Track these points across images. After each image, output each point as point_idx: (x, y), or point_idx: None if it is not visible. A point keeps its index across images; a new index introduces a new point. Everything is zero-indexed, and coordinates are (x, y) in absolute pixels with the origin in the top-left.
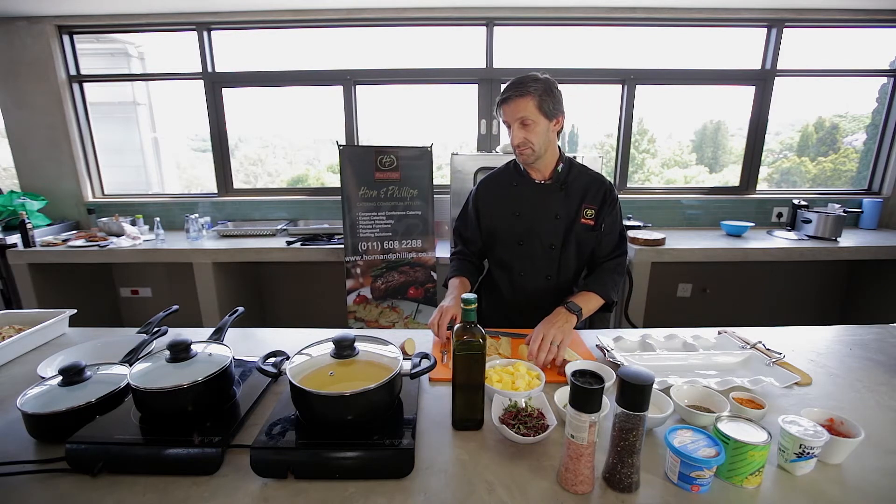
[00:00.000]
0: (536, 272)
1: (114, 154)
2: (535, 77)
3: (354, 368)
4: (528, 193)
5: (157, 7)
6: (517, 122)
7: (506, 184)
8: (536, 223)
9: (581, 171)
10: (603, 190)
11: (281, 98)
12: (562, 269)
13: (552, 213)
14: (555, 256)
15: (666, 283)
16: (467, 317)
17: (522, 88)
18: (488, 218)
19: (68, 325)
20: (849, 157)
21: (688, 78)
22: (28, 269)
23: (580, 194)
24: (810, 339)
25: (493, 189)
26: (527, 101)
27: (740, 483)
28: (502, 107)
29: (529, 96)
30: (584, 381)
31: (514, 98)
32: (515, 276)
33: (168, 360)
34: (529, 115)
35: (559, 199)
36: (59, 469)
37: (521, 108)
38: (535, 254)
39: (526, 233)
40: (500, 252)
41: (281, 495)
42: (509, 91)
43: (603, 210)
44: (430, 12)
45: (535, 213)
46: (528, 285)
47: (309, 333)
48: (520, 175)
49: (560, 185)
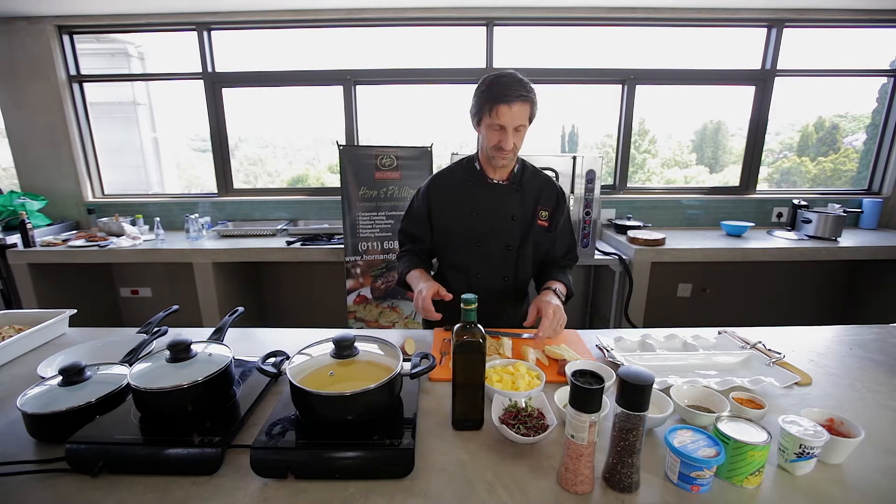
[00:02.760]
0: (494, 273)
1: (114, 154)
2: (522, 78)
3: (354, 368)
4: (485, 193)
5: (157, 7)
6: (514, 127)
7: (461, 183)
8: (494, 224)
9: (534, 173)
10: (555, 192)
11: (281, 98)
12: (519, 270)
13: (509, 213)
14: (512, 257)
15: (666, 283)
16: (467, 317)
17: (525, 94)
18: (442, 217)
19: (68, 325)
20: (849, 157)
21: (688, 78)
22: (28, 269)
23: (535, 195)
24: (810, 339)
25: (447, 187)
26: (527, 108)
27: (740, 483)
28: (499, 108)
29: (530, 102)
30: (584, 381)
31: (518, 102)
32: (472, 277)
33: (168, 360)
34: (525, 123)
35: (515, 200)
36: (59, 469)
37: (523, 114)
38: (493, 255)
39: (484, 233)
40: (456, 253)
41: (281, 495)
42: (512, 94)
43: (557, 212)
44: (430, 12)
45: (493, 214)
46: (486, 286)
47: (309, 333)
48: (475, 174)
49: (516, 186)
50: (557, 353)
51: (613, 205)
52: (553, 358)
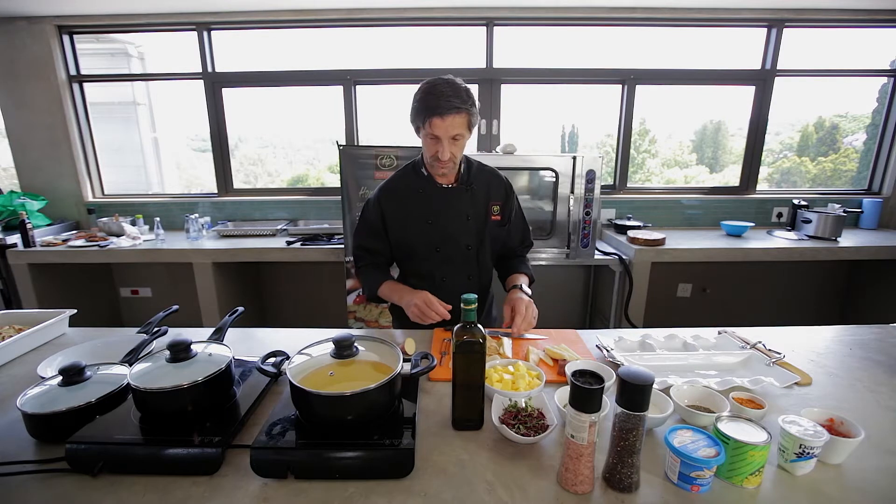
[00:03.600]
0: (457, 274)
1: (114, 154)
2: (462, 87)
3: (354, 368)
4: (437, 198)
5: (157, 7)
6: (449, 138)
7: (411, 191)
8: (450, 227)
9: (480, 170)
10: (503, 185)
11: (281, 98)
12: (481, 267)
13: (463, 214)
14: (472, 256)
15: (666, 283)
16: (467, 317)
17: (460, 104)
18: (398, 229)
19: (68, 325)
20: (849, 157)
21: (688, 78)
22: (28, 269)
23: (485, 192)
24: (810, 339)
25: (398, 198)
26: (462, 117)
27: (740, 483)
28: (432, 119)
29: (466, 112)
30: (584, 381)
31: (450, 114)
32: (438, 282)
33: (168, 360)
34: (462, 132)
35: (467, 200)
36: (59, 469)
37: (457, 124)
38: (454, 257)
39: (442, 238)
40: (417, 262)
41: (281, 495)
42: (444, 106)
43: (507, 204)
44: (430, 12)
45: (447, 217)
46: (451, 289)
47: (309, 333)
48: (424, 181)
49: (466, 187)
50: (557, 353)
51: (613, 205)
52: (553, 358)
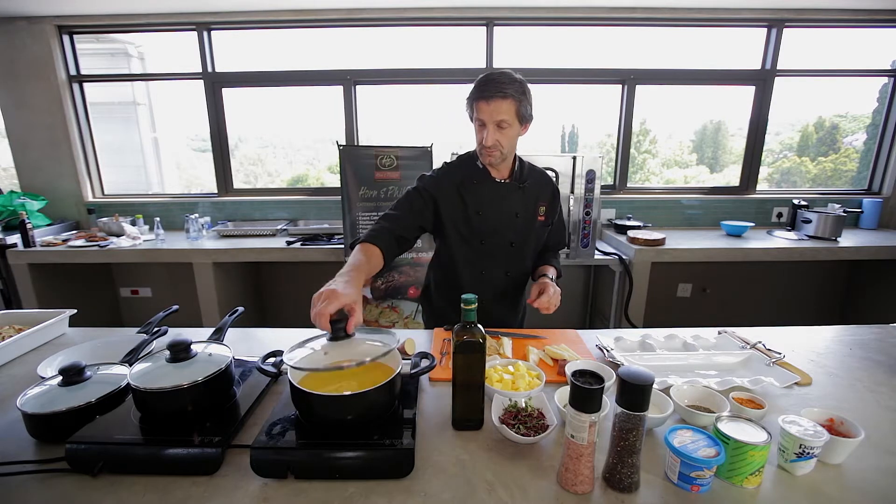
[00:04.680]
0: (497, 269)
1: (114, 154)
2: (513, 77)
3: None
4: (490, 192)
5: (157, 7)
6: (494, 123)
7: (466, 180)
8: (498, 222)
9: (532, 170)
10: (551, 187)
11: (281, 98)
12: (520, 264)
13: (513, 211)
14: (514, 253)
15: (666, 283)
16: (467, 317)
17: (505, 89)
18: (452, 215)
19: (68, 325)
20: (849, 157)
21: (688, 78)
22: (28, 269)
23: (535, 192)
24: (810, 339)
25: (457, 185)
26: (509, 104)
27: (740, 483)
28: (479, 103)
29: (512, 99)
30: (584, 381)
31: (496, 98)
32: (478, 273)
33: (168, 361)
34: (508, 119)
35: (518, 198)
36: (59, 469)
37: (503, 109)
38: (497, 252)
39: (488, 231)
40: (461, 250)
41: (281, 495)
42: (491, 90)
43: (552, 206)
44: (430, 12)
45: (497, 212)
46: (490, 282)
47: (309, 333)
48: (479, 172)
49: (518, 184)
50: (557, 353)
51: (613, 205)
52: (553, 358)
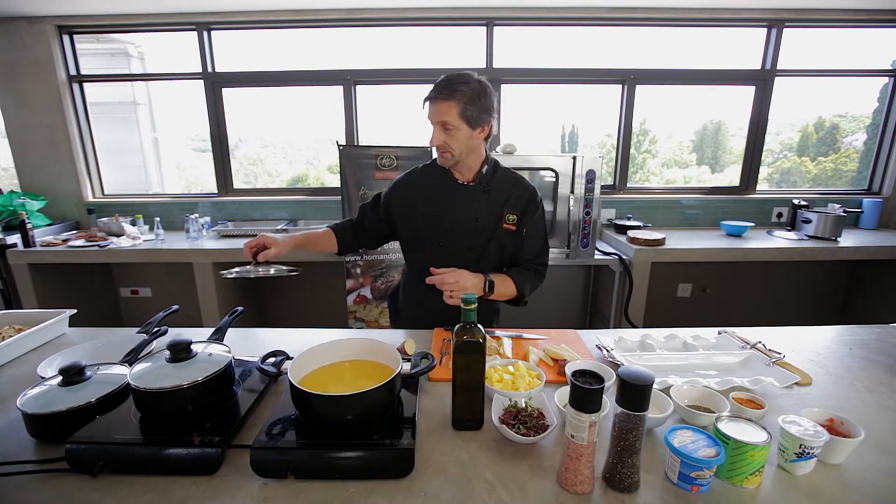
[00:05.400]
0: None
1: (114, 154)
2: (466, 79)
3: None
4: (450, 194)
5: (157, 7)
6: (438, 124)
7: (428, 182)
8: (457, 225)
9: (506, 175)
10: (526, 196)
11: (281, 98)
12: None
13: (473, 215)
14: (472, 259)
15: (666, 283)
16: (467, 317)
17: (449, 91)
18: (405, 217)
19: (68, 325)
20: (849, 157)
21: (688, 78)
22: (28, 269)
23: (503, 198)
24: (810, 339)
25: (413, 187)
26: (450, 106)
27: (740, 483)
28: (427, 103)
29: (454, 101)
30: (584, 381)
31: (438, 100)
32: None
33: (168, 361)
34: (451, 121)
35: (481, 202)
36: (59, 469)
37: (444, 111)
38: (454, 256)
39: (445, 234)
40: (420, 253)
41: (281, 495)
42: (436, 91)
43: (525, 215)
44: (430, 12)
45: (456, 215)
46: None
47: (309, 333)
48: (443, 173)
49: (483, 188)
50: (557, 353)
51: (613, 205)
52: (553, 358)
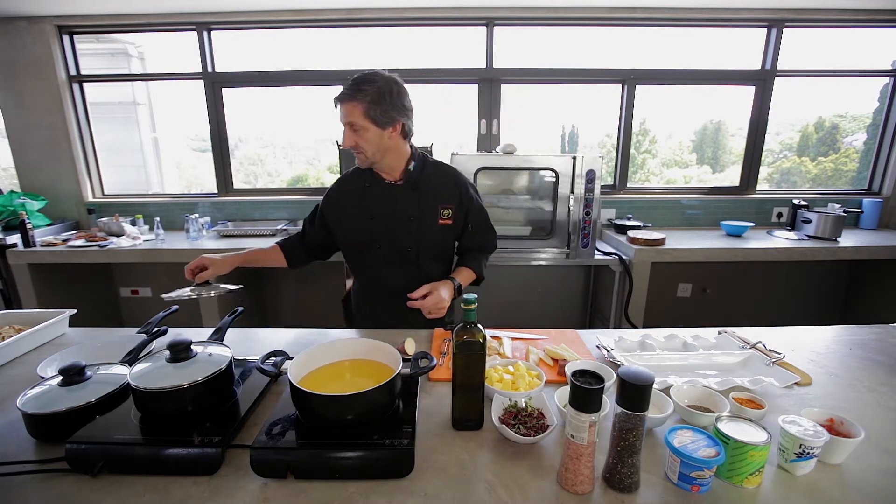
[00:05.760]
0: (395, 275)
1: (114, 154)
2: (372, 78)
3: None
4: (381, 194)
5: (157, 7)
6: (346, 125)
7: (359, 185)
8: (391, 226)
9: (435, 170)
10: (458, 188)
11: (281, 98)
12: (421, 271)
13: (406, 214)
14: (412, 258)
15: (666, 283)
16: (467, 317)
17: (353, 92)
18: (339, 223)
19: (68, 325)
20: (849, 157)
21: (688, 78)
22: (28, 269)
23: (435, 194)
24: (810, 339)
25: (345, 193)
26: (354, 106)
27: (740, 483)
28: (337, 105)
29: (357, 101)
30: (584, 381)
31: (344, 101)
32: (379, 282)
33: (168, 361)
34: (357, 122)
35: (412, 200)
36: (59, 469)
37: (349, 112)
38: (393, 257)
39: (382, 236)
40: (360, 258)
41: (281, 495)
42: (343, 91)
43: (460, 208)
44: (430, 12)
45: (389, 215)
46: (392, 291)
47: (309, 333)
48: (371, 176)
49: (412, 186)
50: (557, 353)
51: (613, 205)
52: (553, 358)
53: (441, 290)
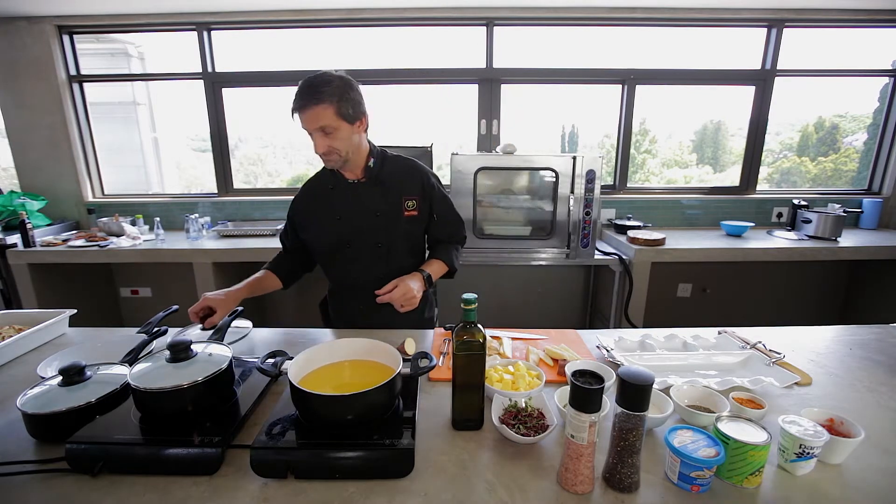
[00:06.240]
0: (368, 273)
1: (114, 154)
2: (328, 79)
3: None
4: (345, 194)
5: (157, 7)
6: (317, 130)
7: (323, 188)
8: (358, 223)
9: (395, 163)
10: (419, 178)
11: (281, 98)
12: (394, 266)
13: (372, 210)
14: (383, 254)
15: (666, 283)
16: (467, 317)
17: (318, 95)
18: (308, 229)
19: (68, 325)
20: (849, 157)
21: (688, 78)
22: (28, 269)
23: (398, 187)
24: (810, 339)
25: (310, 198)
26: (324, 109)
27: (740, 483)
28: (298, 115)
29: (326, 103)
30: (584, 381)
31: (310, 107)
32: (350, 281)
33: (168, 361)
34: (330, 123)
35: (376, 196)
36: (59, 469)
37: (319, 116)
38: (364, 255)
39: (350, 235)
40: (330, 260)
41: (281, 495)
42: (304, 99)
43: (424, 198)
44: (430, 12)
45: (355, 214)
46: (363, 288)
47: (309, 333)
48: (335, 176)
49: (375, 182)
50: (557, 353)
51: (613, 205)
52: (553, 358)
53: (408, 281)
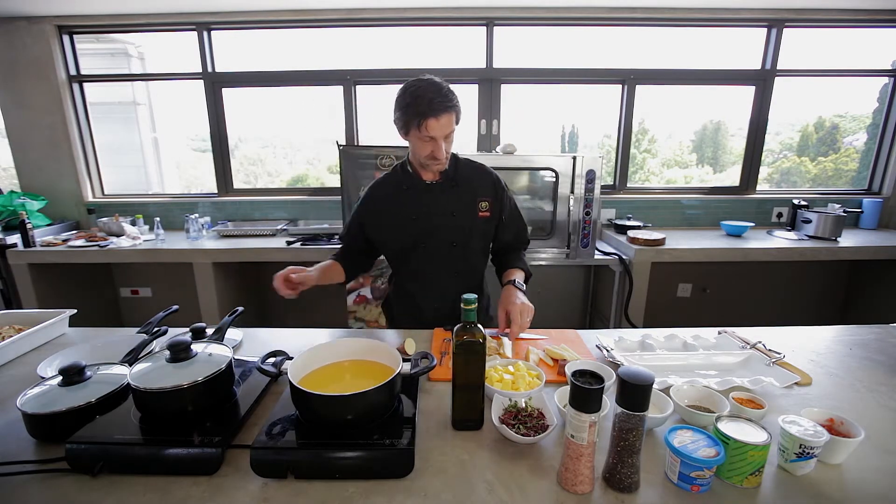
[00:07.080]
0: (443, 271)
1: (114, 154)
2: (446, 86)
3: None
4: (421, 195)
5: (157, 7)
6: (445, 136)
7: (396, 189)
8: (435, 223)
9: (467, 166)
10: (491, 181)
11: (281, 98)
12: (468, 265)
13: (448, 210)
14: (458, 253)
15: (666, 283)
16: (467, 317)
17: (450, 102)
18: (381, 229)
19: (68, 325)
20: (850, 157)
21: (688, 78)
22: (28, 269)
23: (472, 189)
24: (810, 339)
25: (383, 199)
26: (452, 116)
27: (740, 483)
28: (428, 121)
29: (454, 111)
30: (584, 381)
31: (445, 113)
32: (424, 279)
33: (168, 361)
34: (454, 129)
35: (453, 197)
36: (59, 469)
37: (451, 122)
38: (439, 254)
39: (425, 234)
40: (405, 259)
41: (281, 495)
42: (440, 106)
43: (496, 200)
44: (430, 12)
45: (431, 214)
46: (438, 286)
47: (309, 333)
48: (409, 177)
49: (450, 183)
50: (557, 353)
51: (613, 205)
52: (553, 358)
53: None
